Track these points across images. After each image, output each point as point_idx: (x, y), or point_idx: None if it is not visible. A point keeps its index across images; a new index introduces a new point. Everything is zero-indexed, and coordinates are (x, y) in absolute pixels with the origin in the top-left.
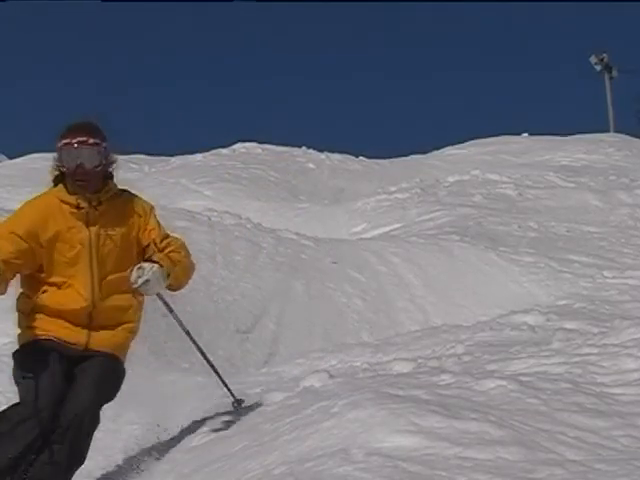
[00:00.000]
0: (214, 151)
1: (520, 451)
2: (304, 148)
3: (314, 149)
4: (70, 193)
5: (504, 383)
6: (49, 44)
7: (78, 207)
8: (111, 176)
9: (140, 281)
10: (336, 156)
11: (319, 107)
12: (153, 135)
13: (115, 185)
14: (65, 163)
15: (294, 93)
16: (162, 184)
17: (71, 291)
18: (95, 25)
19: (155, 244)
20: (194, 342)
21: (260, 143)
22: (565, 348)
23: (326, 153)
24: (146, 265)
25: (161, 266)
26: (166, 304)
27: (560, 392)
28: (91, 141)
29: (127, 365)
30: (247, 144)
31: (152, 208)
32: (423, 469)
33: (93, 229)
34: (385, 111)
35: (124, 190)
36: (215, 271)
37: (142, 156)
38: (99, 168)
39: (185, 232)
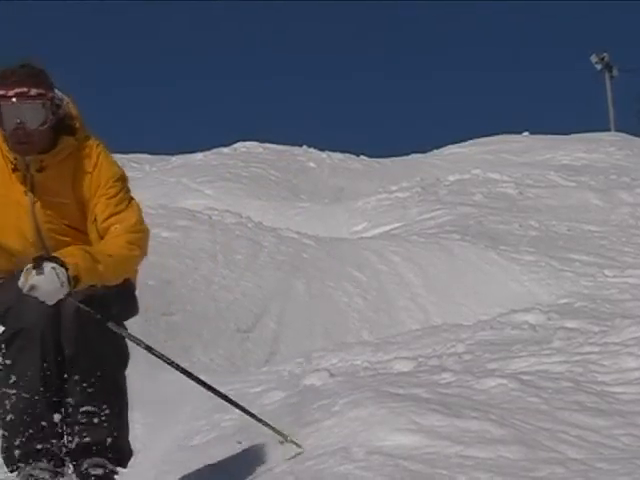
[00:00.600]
0: (215, 150)
1: (521, 450)
2: (305, 147)
3: (315, 148)
4: (10, 149)
5: (505, 382)
6: (49, 42)
7: (15, 168)
8: (71, 130)
9: (26, 287)
10: (337, 155)
11: (320, 106)
12: (154, 134)
13: (76, 139)
14: (1, 122)
15: (295, 92)
16: (163, 183)
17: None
18: (94, 23)
19: (96, 221)
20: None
21: (261, 142)
22: (566, 347)
23: (327, 152)
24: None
25: (62, 265)
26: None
27: (561, 391)
28: (34, 92)
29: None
30: (248, 143)
31: (115, 175)
32: (424, 468)
33: (35, 196)
34: (386, 110)
35: (89, 139)
36: (216, 270)
37: (143, 155)
38: (45, 126)
39: (186, 231)
